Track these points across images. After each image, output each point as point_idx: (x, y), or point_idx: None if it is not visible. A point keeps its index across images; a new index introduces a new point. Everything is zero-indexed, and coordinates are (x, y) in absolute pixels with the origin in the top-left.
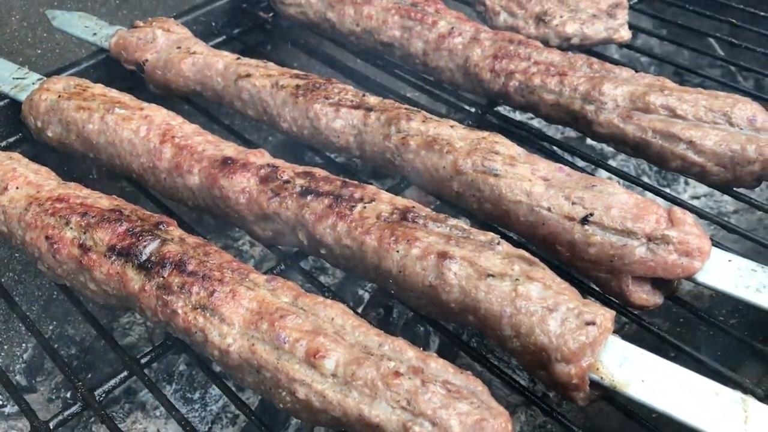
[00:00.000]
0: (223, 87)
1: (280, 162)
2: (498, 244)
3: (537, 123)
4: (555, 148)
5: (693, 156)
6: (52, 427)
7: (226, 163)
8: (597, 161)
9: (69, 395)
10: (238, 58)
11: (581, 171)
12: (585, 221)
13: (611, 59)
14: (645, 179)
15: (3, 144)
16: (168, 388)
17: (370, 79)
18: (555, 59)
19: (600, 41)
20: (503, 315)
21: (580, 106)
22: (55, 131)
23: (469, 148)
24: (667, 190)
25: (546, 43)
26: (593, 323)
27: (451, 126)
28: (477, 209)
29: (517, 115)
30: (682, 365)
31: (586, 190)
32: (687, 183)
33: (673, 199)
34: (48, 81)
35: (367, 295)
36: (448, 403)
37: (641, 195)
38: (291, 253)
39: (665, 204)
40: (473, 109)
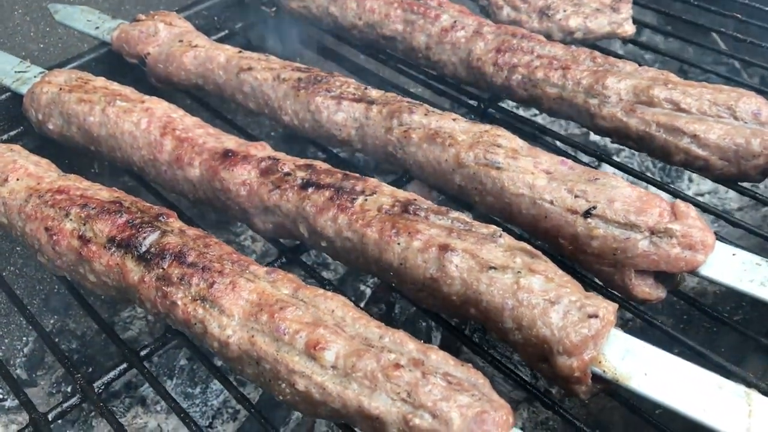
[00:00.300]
0: (225, 80)
1: (281, 155)
2: (500, 236)
3: (541, 120)
4: (558, 143)
5: (697, 150)
6: (50, 419)
7: (226, 156)
8: (600, 156)
9: (69, 389)
10: (239, 51)
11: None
12: (588, 214)
13: (615, 54)
14: (649, 176)
15: (4, 137)
16: (169, 382)
17: (372, 74)
18: (558, 53)
19: (603, 35)
20: (505, 307)
21: (583, 99)
22: (56, 124)
23: (472, 141)
24: (671, 186)
25: (549, 38)
26: (596, 316)
27: (454, 119)
28: (479, 203)
29: (521, 111)
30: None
31: (588, 183)
32: (691, 180)
33: (677, 194)
34: (49, 74)
35: (369, 291)
36: (448, 396)
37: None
38: (292, 247)
39: (669, 198)
40: (476, 104)
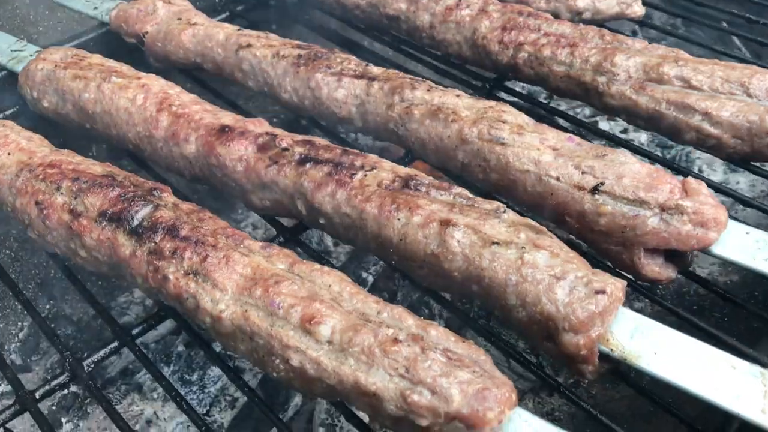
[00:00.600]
0: (224, 58)
1: (279, 131)
2: (504, 212)
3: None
4: (567, 125)
5: (709, 128)
6: (38, 397)
7: (223, 131)
8: (611, 136)
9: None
10: (239, 29)
11: None
12: (595, 191)
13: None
14: (657, 155)
15: None
16: (165, 369)
17: (375, 55)
18: (566, 31)
19: (612, 16)
20: (508, 283)
21: (591, 77)
22: (51, 101)
23: (475, 116)
24: (682, 166)
25: (557, 18)
26: (603, 292)
27: (457, 95)
28: (483, 180)
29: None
30: None
31: (596, 159)
32: (701, 171)
33: (687, 173)
34: (45, 51)
35: (371, 278)
36: (448, 372)
37: None
38: (291, 228)
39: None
40: (481, 84)
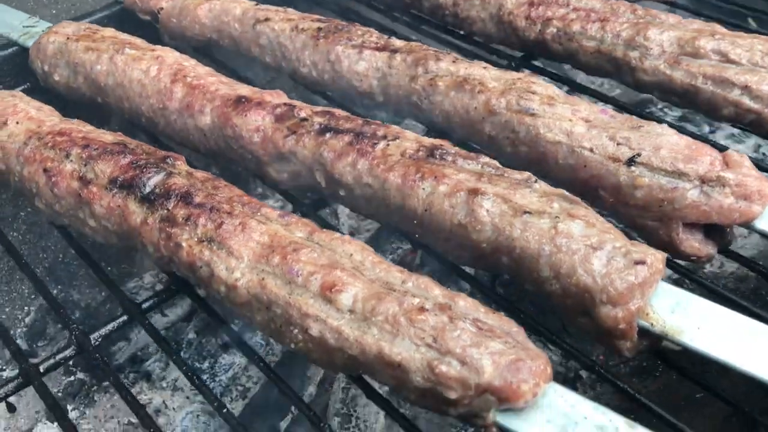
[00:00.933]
0: (241, 33)
1: (297, 102)
2: (535, 182)
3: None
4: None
5: (748, 102)
6: (42, 371)
7: (240, 102)
8: (645, 114)
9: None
10: (256, 3)
11: None
12: (631, 162)
13: None
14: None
15: None
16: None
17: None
18: (596, 5)
19: None
20: (541, 254)
21: (623, 52)
22: (63, 75)
23: (504, 87)
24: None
25: None
26: (643, 262)
27: (484, 67)
28: (511, 153)
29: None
30: None
31: (632, 130)
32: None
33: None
34: (57, 25)
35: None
36: (479, 342)
37: None
38: (310, 203)
39: None
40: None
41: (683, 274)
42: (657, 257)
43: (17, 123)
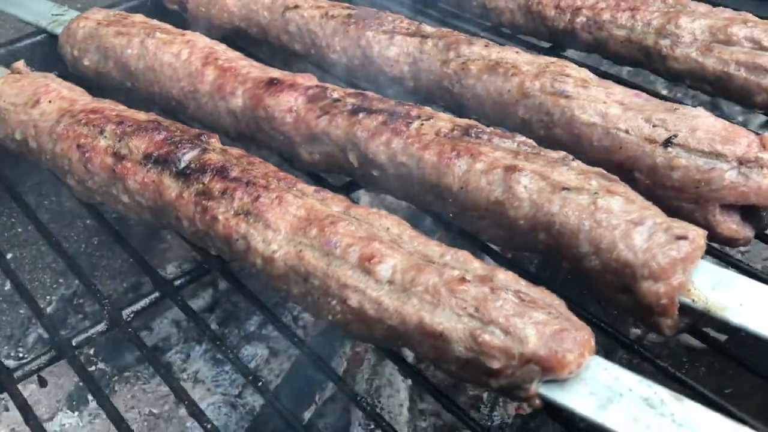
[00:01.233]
0: (269, 21)
1: (329, 84)
2: (572, 160)
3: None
4: None
5: None
6: (75, 345)
7: (272, 83)
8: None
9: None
10: None
11: None
12: (668, 143)
13: None
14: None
15: None
16: (197, 348)
17: None
18: None
19: None
20: (581, 229)
21: (653, 41)
22: (92, 59)
23: (537, 71)
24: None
25: None
26: (685, 237)
27: (516, 52)
28: (544, 136)
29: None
30: None
31: (667, 112)
32: None
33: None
34: (87, 12)
35: None
36: (522, 312)
37: None
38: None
39: None
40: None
41: (717, 256)
42: (698, 233)
43: (49, 102)
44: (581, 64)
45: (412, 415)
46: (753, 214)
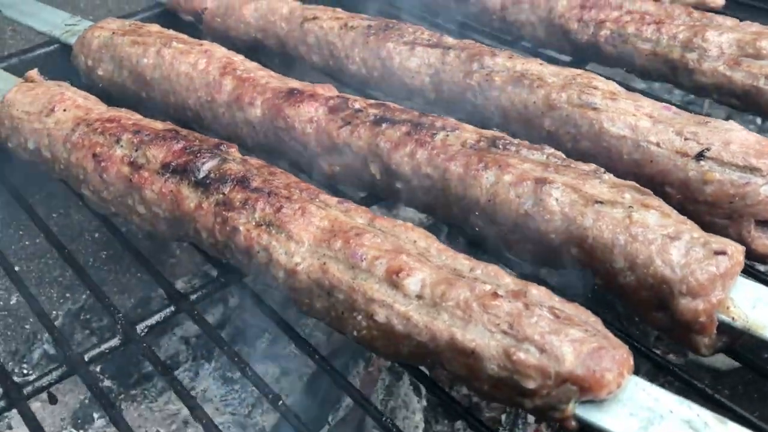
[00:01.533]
0: (287, 32)
1: (350, 95)
2: (603, 173)
3: None
4: None
5: None
6: (87, 360)
7: (292, 93)
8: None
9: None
10: (302, 3)
11: None
12: (701, 157)
13: None
14: None
15: None
16: (206, 366)
17: None
18: (649, 9)
19: (691, 3)
20: (615, 244)
21: (680, 54)
22: (107, 69)
23: (563, 82)
24: None
25: None
26: (724, 253)
27: (540, 63)
28: (571, 149)
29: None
30: None
31: (698, 125)
32: None
33: None
34: (102, 21)
35: None
36: (558, 329)
37: None
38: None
39: None
40: None
41: (751, 274)
42: (737, 248)
43: (64, 110)
44: None
45: None
46: None
